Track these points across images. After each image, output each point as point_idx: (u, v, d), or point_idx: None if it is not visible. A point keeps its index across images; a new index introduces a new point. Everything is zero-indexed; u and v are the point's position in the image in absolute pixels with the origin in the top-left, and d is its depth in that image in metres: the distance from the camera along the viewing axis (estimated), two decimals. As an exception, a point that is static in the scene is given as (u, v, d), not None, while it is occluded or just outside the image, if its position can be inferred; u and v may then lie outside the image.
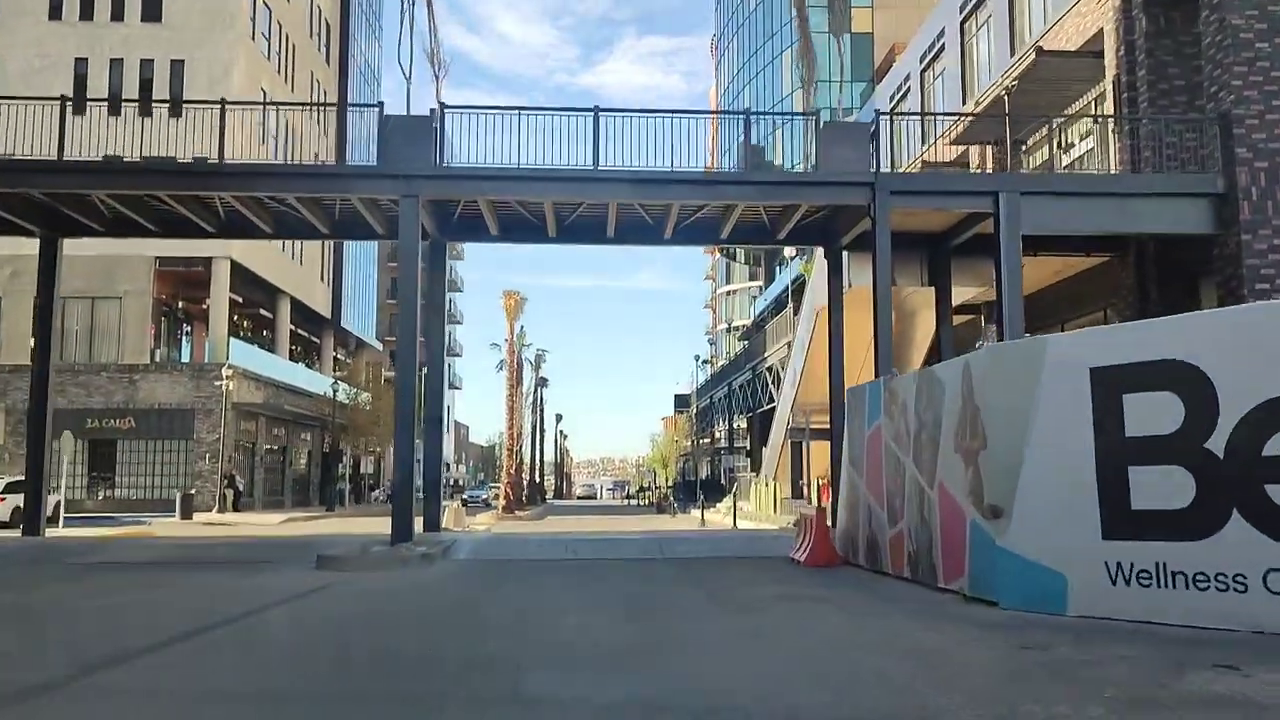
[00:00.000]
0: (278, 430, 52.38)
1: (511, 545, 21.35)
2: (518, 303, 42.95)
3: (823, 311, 28.54)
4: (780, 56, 62.15)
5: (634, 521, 39.35)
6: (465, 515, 28.87)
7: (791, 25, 59.29)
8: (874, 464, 16.14)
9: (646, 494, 70.28)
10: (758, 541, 22.35)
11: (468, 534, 25.00)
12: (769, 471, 35.68)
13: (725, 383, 60.72)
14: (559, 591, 14.39)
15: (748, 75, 68.39)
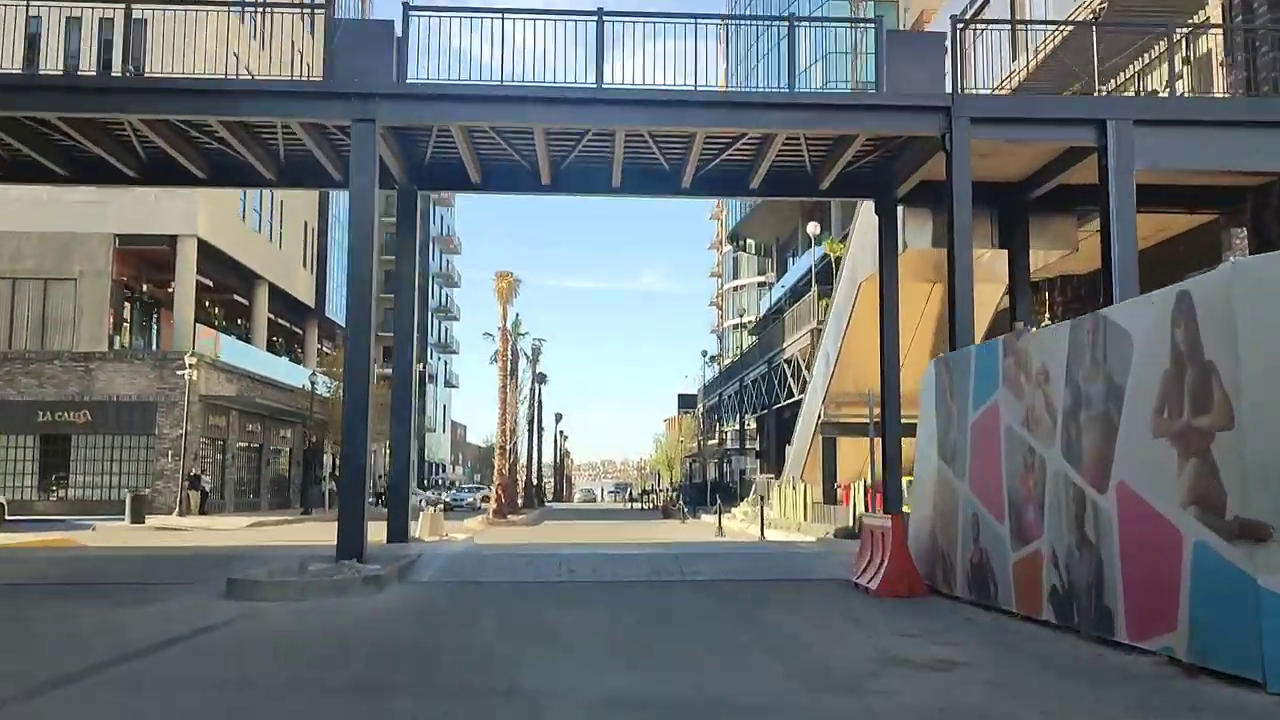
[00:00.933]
0: (253, 426, 47.72)
1: (492, 562, 16.69)
2: (511, 285, 38.30)
3: (869, 283, 23.94)
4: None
5: (640, 529, 34.69)
6: (444, 522, 24.24)
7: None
8: (985, 458, 11.51)
9: (650, 497, 65.68)
10: (797, 558, 17.68)
11: (443, 545, 20.38)
12: (794, 472, 31.06)
13: (736, 379, 56.04)
14: (542, 641, 9.75)
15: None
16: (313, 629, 10.44)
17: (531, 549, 19.73)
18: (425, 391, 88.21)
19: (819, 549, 18.37)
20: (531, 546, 20.82)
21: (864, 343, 26.00)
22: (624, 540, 26.69)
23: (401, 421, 20.62)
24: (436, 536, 23.44)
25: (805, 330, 38.80)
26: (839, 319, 26.47)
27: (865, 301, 24.68)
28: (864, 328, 25.58)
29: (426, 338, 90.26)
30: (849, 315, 25.29)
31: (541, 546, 20.68)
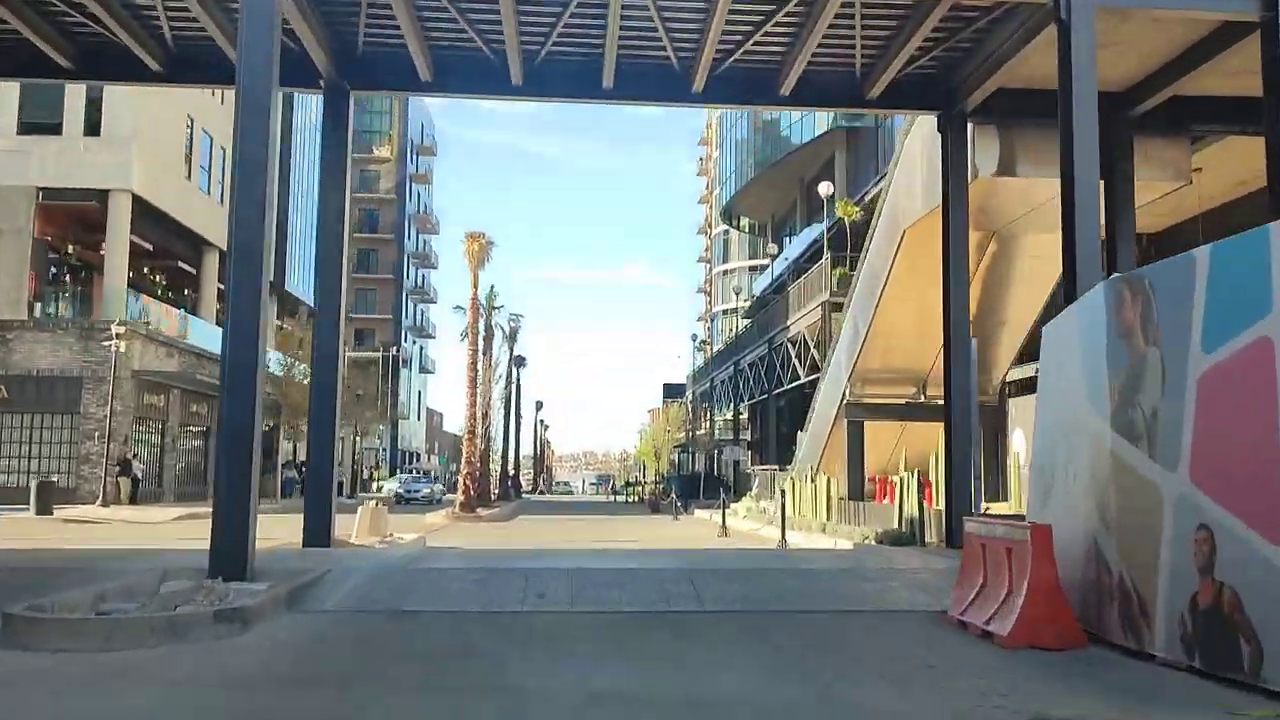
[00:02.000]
0: (198, 407, 42.65)
1: (431, 580, 11.78)
2: (483, 248, 33.20)
3: (916, 230, 19.26)
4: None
5: (628, 526, 29.91)
6: (389, 518, 19.37)
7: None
8: (1234, 431, 6.79)
9: (635, 490, 60.91)
10: (846, 577, 12.70)
11: (380, 551, 15.56)
12: (808, 463, 26.36)
13: (730, 363, 51.25)
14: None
15: None
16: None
17: (493, 558, 14.84)
18: (399, 376, 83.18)
19: (871, 562, 13.61)
20: (494, 555, 15.93)
21: (906, 306, 21.36)
22: (611, 541, 21.89)
23: (325, 395, 15.77)
24: (377, 537, 18.58)
25: (815, 304, 34.09)
26: (872, 280, 21.76)
27: (910, 254, 20.01)
28: (906, 287, 20.91)
29: (400, 320, 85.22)
30: (886, 274, 20.59)
31: (506, 555, 15.82)
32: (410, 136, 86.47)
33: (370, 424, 61.30)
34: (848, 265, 33.61)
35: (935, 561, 13.15)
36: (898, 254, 19.96)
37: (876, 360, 22.89)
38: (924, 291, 21.17)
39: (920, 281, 20.93)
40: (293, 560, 12.87)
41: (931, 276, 19.96)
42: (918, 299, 21.35)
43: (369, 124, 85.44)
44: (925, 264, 20.45)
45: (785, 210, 58.80)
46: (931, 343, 22.10)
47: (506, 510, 39.46)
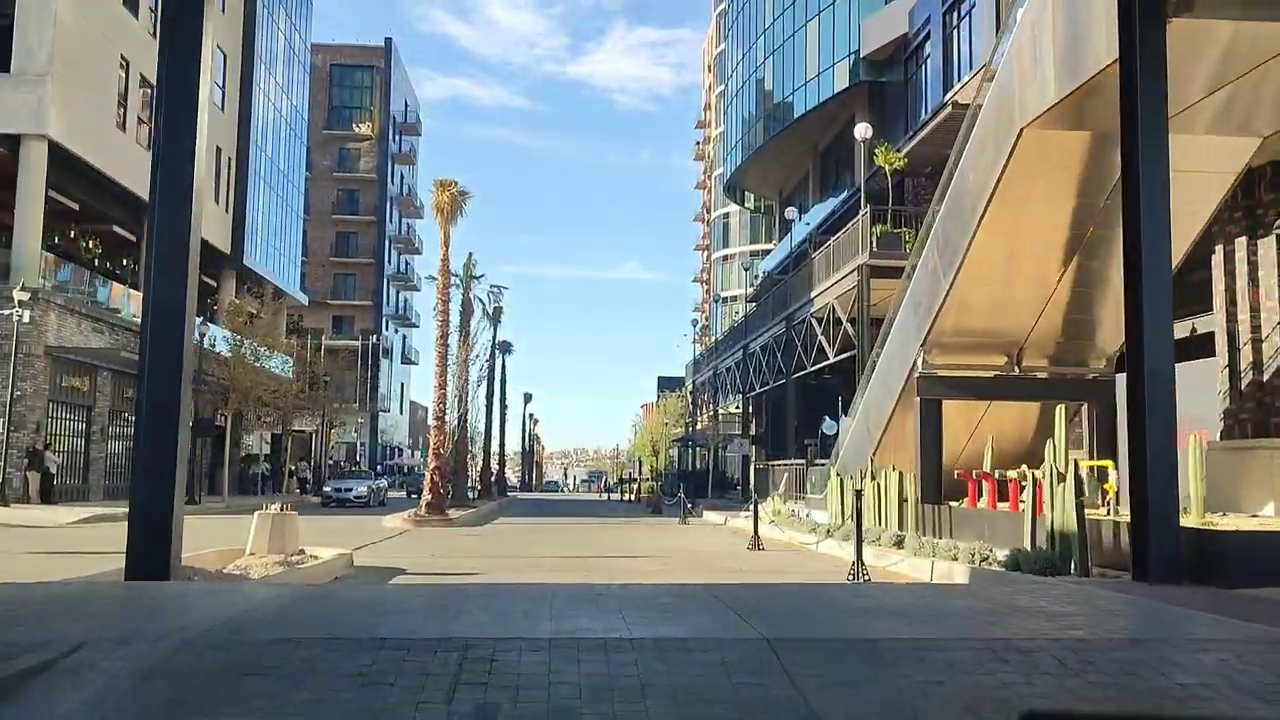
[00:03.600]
0: (134, 392, 36.62)
1: (269, 682, 5.88)
2: (455, 198, 26.90)
3: (1041, 129, 13.49)
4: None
5: (630, 533, 24.10)
6: (298, 529, 13.48)
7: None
8: None
9: (629, 487, 55.09)
10: (1108, 659, 6.84)
11: (222, 593, 9.54)
12: (858, 455, 20.55)
13: (738, 347, 45.37)
14: None
15: None
16: None
17: (426, 607, 8.79)
18: (379, 367, 77.16)
19: (1103, 625, 7.66)
20: (433, 596, 9.87)
21: (1009, 243, 15.61)
22: (611, 555, 16.09)
23: (164, 354, 9.92)
24: (278, 556, 12.73)
25: (849, 270, 28.33)
26: (961, 212, 15.94)
27: (1028, 163, 14.24)
28: (1015, 215, 15.15)
29: (381, 307, 79.22)
30: (989, 195, 14.81)
31: (452, 595, 9.81)
32: (393, 114, 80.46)
33: (339, 414, 55.32)
34: (888, 221, 27.87)
35: (1211, 628, 7.32)
36: (1009, 165, 14.20)
37: (961, 319, 17.10)
38: (1036, 221, 15.42)
39: (1037, 207, 15.18)
40: (76, 610, 7.03)
41: (1054, 195, 14.20)
42: (1028, 232, 15.61)
43: (348, 99, 79.44)
44: (1048, 180, 14.70)
45: (795, 184, 53.02)
46: (1035, 293, 16.36)
47: (485, 511, 33.54)
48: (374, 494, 38.71)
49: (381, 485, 41.43)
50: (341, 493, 37.27)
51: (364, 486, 38.62)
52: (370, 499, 37.48)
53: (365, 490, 38.10)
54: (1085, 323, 17.48)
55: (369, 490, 38.48)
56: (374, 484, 40.21)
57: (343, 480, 40.50)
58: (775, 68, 48.06)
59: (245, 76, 46.41)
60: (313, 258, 76.12)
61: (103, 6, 33.96)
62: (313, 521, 25.63)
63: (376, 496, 38.92)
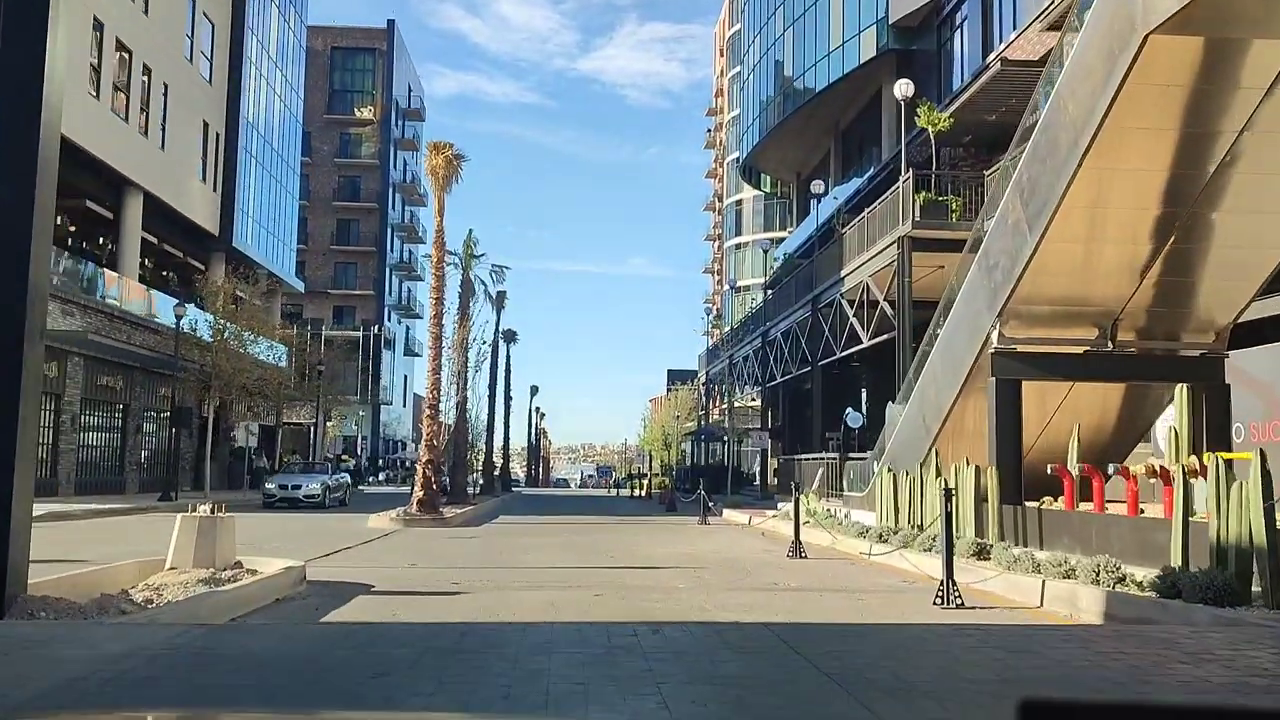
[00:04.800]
0: (111, 379, 33.86)
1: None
2: (450, 162, 23.99)
3: (1171, 35, 10.55)
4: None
5: (646, 535, 21.16)
6: (233, 535, 10.62)
7: None
8: None
9: (639, 483, 52.18)
10: None
11: (77, 634, 6.78)
12: (912, 448, 17.56)
13: (758, 334, 42.33)
14: None
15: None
16: None
17: (330, 674, 5.80)
18: (381, 358, 74.36)
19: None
20: (364, 640, 6.86)
21: (1125, 183, 12.63)
22: (626, 566, 13.19)
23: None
24: (203, 573, 9.85)
25: (887, 243, 25.34)
26: (1056, 149, 12.89)
27: (1152, 80, 11.27)
28: (1129, 147, 12.17)
29: (384, 297, 76.35)
30: (1094, 127, 11.84)
31: (393, 646, 6.80)
32: (396, 98, 77.52)
33: (335, 405, 52.44)
34: (932, 188, 24.88)
35: None
36: (1125, 84, 11.22)
37: (1048, 284, 14.09)
38: (1147, 158, 12.45)
39: (1149, 140, 12.20)
40: None
41: (1173, 123, 11.26)
42: (1136, 172, 12.62)
43: (350, 82, 76.53)
44: (1168, 105, 11.73)
45: (815, 165, 49.97)
46: (1135, 250, 13.39)
47: (484, 509, 30.58)
48: (330, 492, 31.26)
49: (341, 480, 33.60)
50: (288, 491, 30.13)
51: (316, 483, 30.82)
52: (324, 498, 30.46)
53: (318, 488, 30.52)
54: (1188, 288, 14.50)
55: (323, 488, 30.79)
56: (330, 479, 32.09)
57: (290, 476, 32.03)
58: (795, 40, 45.00)
59: (235, 49, 43.52)
60: (313, 246, 73.33)
61: (73, -38, 31.05)
62: (288, 521, 22.92)
63: (334, 495, 31.83)
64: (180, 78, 38.66)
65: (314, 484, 30.87)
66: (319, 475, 32.25)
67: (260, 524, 21.62)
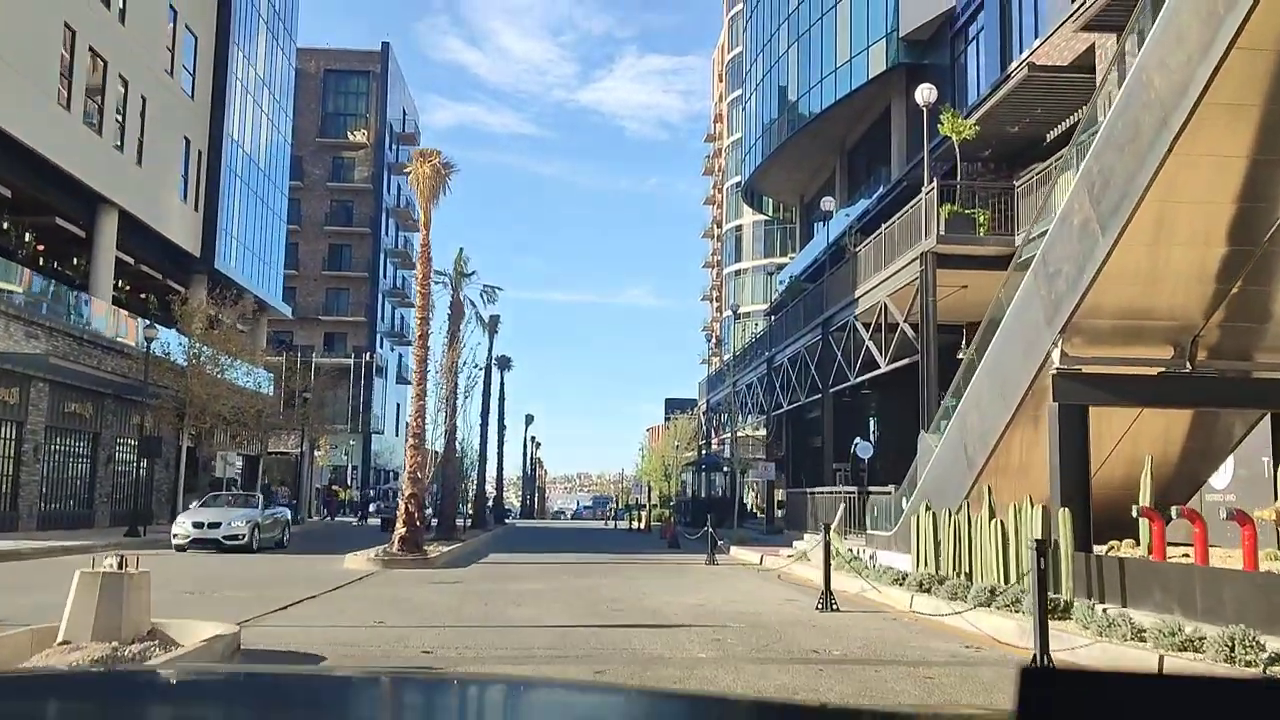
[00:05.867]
0: (79, 406, 31.70)
1: None
2: (436, 172, 21.76)
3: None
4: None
5: (647, 577, 19.03)
6: (146, 594, 8.59)
7: None
8: None
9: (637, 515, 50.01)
10: None
11: None
12: (951, 484, 15.48)
13: (762, 360, 40.29)
14: None
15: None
16: None
17: None
18: (373, 386, 72.19)
19: None
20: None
21: (1219, 172, 10.68)
22: (634, 624, 11.09)
23: None
24: (104, 647, 7.74)
25: (907, 260, 23.38)
26: (1137, 134, 10.96)
27: (1264, 44, 9.34)
28: (1236, 122, 10.21)
29: (376, 324, 74.28)
30: (1193, 101, 9.88)
31: None
32: (390, 121, 75.80)
33: (323, 435, 50.29)
34: (955, 200, 22.94)
35: None
36: (1235, 45, 9.29)
37: (1120, 293, 12.09)
38: (1251, 139, 10.49)
39: (1255, 117, 10.23)
40: None
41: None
42: (1236, 157, 10.65)
43: (343, 105, 74.83)
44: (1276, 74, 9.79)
45: (819, 187, 48.19)
46: (1225, 253, 11.41)
47: (473, 546, 28.35)
48: (258, 531, 24.44)
49: (278, 516, 27.13)
50: (204, 531, 23.58)
51: (240, 520, 24.07)
52: (251, 539, 23.91)
53: (243, 527, 23.89)
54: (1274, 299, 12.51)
55: (250, 527, 24.03)
56: (261, 515, 25.30)
57: (208, 511, 24.95)
58: (799, 57, 43.29)
59: (220, 64, 41.68)
60: (304, 271, 71.37)
61: (42, -36, 29.19)
62: (252, 563, 20.63)
63: (267, 535, 25.25)
64: (160, 91, 36.77)
65: (238, 521, 24.11)
66: (246, 509, 25.41)
67: (221, 567, 19.46)
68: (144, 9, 35.32)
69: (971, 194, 23.28)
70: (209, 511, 24.93)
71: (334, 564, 20.37)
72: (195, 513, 25.21)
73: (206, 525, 23.93)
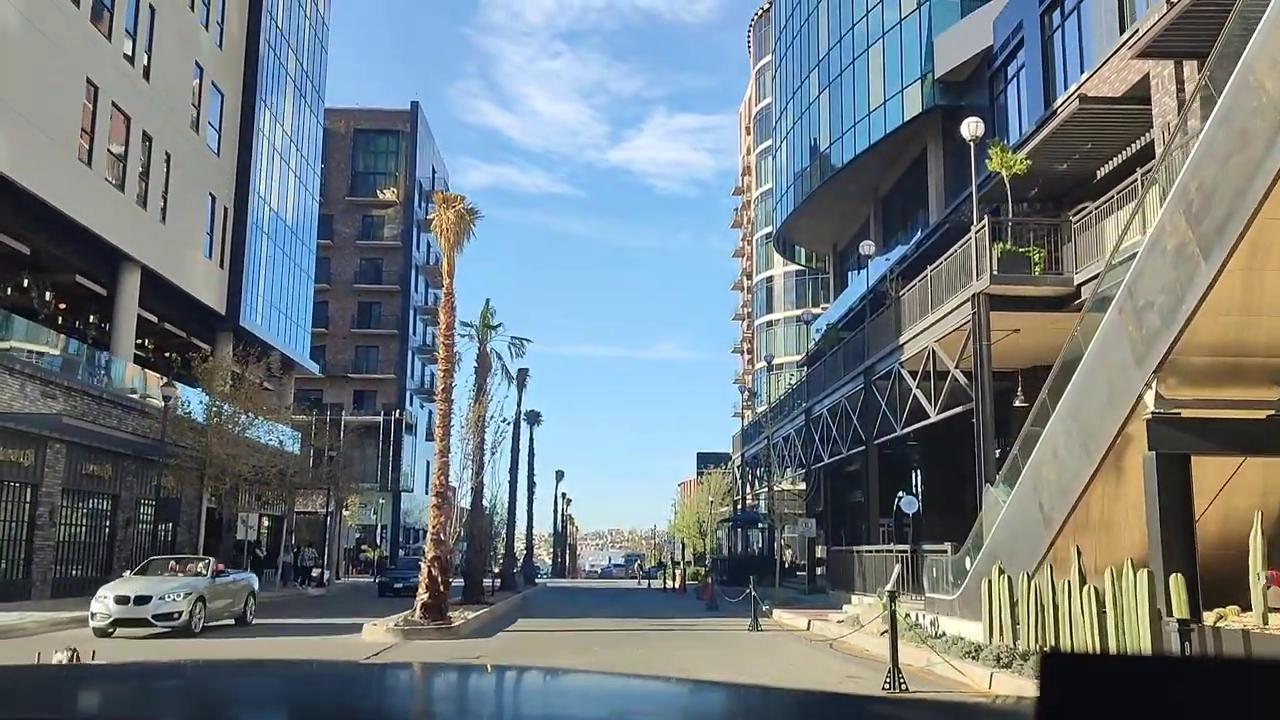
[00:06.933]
0: (98, 468, 30.57)
1: None
2: (460, 217, 20.54)
3: None
4: None
5: (686, 649, 17.42)
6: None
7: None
8: None
9: (670, 573, 48.14)
10: None
11: None
12: (1032, 537, 13.86)
13: (800, 411, 38.71)
14: None
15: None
16: None
17: None
18: (402, 444, 71.11)
19: None
20: None
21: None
22: None
23: None
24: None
25: (957, 303, 21.91)
26: (1245, 142, 9.56)
27: None
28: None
29: (405, 381, 73.41)
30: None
31: None
32: (419, 179, 75.58)
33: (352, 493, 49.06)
34: (1007, 239, 21.51)
35: None
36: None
37: (1223, 327, 10.60)
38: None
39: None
40: None
41: None
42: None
43: (374, 164, 74.72)
44: None
45: (852, 235, 46.84)
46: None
47: (501, 610, 26.79)
48: (203, 606, 19.06)
49: (235, 584, 21.61)
50: (129, 608, 18.24)
51: (178, 593, 18.59)
52: (192, 618, 18.50)
53: (179, 602, 18.45)
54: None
55: (189, 600, 18.56)
56: (209, 586, 19.68)
57: (136, 581, 19.57)
58: (830, 104, 42.25)
59: (246, 120, 41.20)
60: (334, 329, 70.81)
61: (66, 23, 28.68)
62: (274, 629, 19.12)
63: (220, 607, 20.27)
64: (185, 148, 36.19)
65: (174, 594, 18.56)
66: (186, 579, 19.75)
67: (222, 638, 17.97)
68: (169, 66, 34.86)
69: (1021, 233, 21.84)
70: (138, 583, 19.33)
71: (351, 636, 18.90)
72: (122, 583, 19.71)
73: (133, 600, 18.37)
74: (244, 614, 21.62)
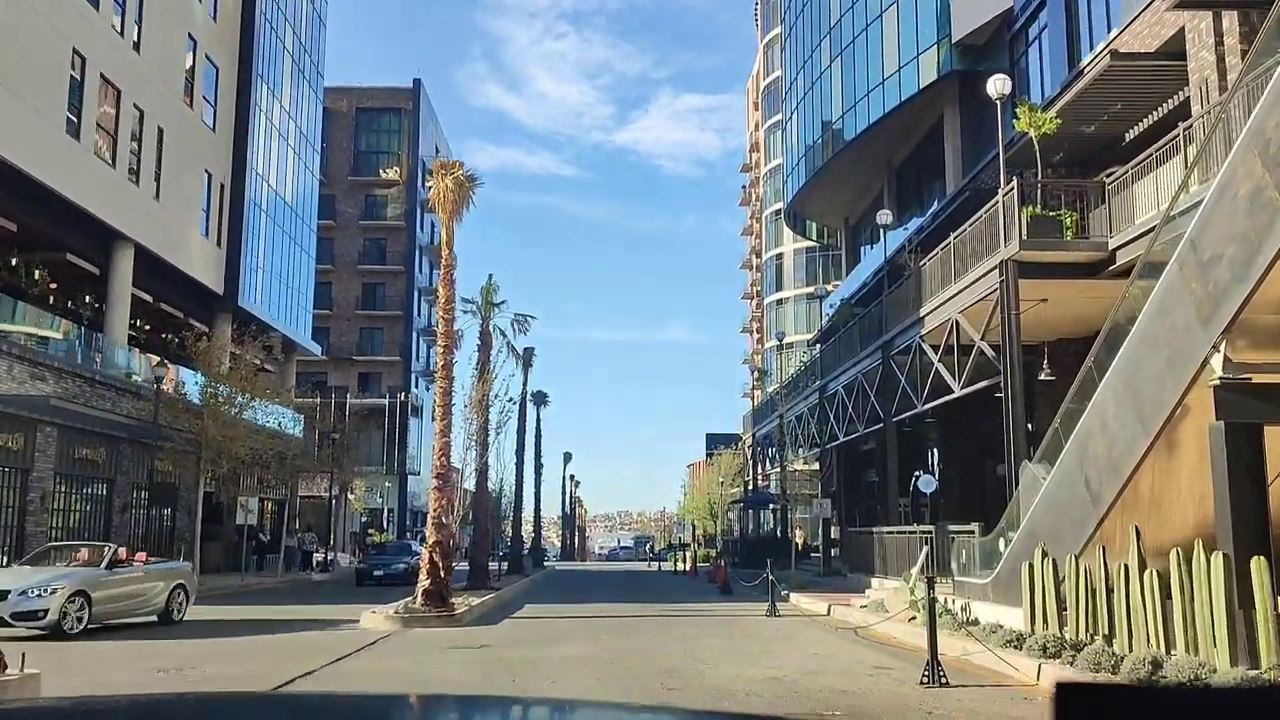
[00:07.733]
0: (92, 451, 29.64)
1: None
2: (459, 185, 19.51)
3: None
4: None
5: (702, 636, 16.44)
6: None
7: None
8: None
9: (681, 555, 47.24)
10: None
11: None
12: (1076, 518, 12.82)
13: (814, 389, 37.62)
14: None
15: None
16: None
17: None
18: (408, 426, 70.22)
19: None
20: None
21: None
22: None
23: None
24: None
25: (982, 272, 20.79)
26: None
27: None
28: None
29: (410, 362, 72.45)
30: None
31: None
32: (422, 158, 74.33)
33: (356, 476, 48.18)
34: (1038, 203, 20.35)
35: None
36: None
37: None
38: None
39: None
40: None
41: None
42: None
43: (376, 143, 73.53)
44: None
45: (865, 209, 45.66)
46: None
47: (507, 596, 25.83)
48: (89, 605, 15.80)
49: (155, 572, 18.18)
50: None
51: (44, 588, 15.31)
52: (60, 619, 15.19)
53: (48, 597, 15.18)
54: None
55: (59, 598, 15.23)
56: (101, 578, 16.40)
57: (9, 572, 17.11)
58: (843, 72, 40.95)
59: (242, 95, 40.07)
60: (338, 311, 69.81)
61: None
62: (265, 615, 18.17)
63: (121, 605, 16.84)
64: (178, 123, 35.09)
65: (41, 589, 15.27)
66: (69, 569, 16.75)
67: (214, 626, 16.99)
68: (161, 37, 33.72)
69: (1049, 196, 20.67)
70: (8, 575, 16.44)
71: (349, 622, 17.94)
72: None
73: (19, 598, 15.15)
74: (168, 609, 17.84)
